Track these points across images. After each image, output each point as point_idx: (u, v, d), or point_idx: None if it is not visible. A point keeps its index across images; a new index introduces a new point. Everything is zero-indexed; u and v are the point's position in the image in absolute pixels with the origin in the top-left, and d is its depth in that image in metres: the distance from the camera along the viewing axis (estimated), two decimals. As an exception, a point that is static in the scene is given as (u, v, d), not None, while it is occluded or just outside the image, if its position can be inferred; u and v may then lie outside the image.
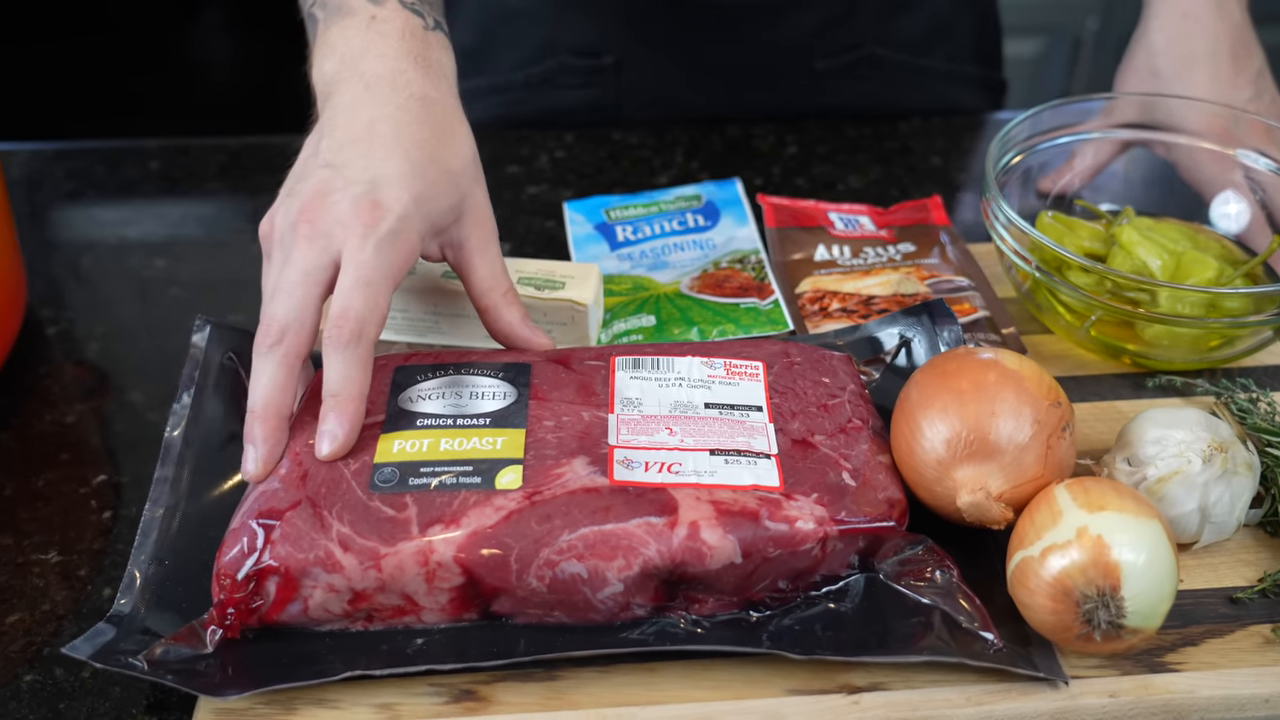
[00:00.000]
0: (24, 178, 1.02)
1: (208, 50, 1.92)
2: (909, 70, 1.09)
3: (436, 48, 0.69)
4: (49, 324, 0.87)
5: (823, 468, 0.63)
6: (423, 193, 0.64)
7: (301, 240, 0.62)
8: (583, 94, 1.07)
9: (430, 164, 0.65)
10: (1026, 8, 1.97)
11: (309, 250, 0.62)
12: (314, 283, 0.62)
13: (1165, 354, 0.75)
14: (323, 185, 0.63)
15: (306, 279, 0.62)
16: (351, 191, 0.62)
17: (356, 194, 0.62)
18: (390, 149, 0.64)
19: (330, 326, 0.61)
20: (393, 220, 0.62)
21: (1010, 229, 0.76)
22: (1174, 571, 0.57)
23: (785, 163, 1.01)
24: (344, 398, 0.61)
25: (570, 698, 0.58)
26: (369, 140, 0.64)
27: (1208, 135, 0.85)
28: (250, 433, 0.62)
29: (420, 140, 0.65)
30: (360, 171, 0.63)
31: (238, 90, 1.96)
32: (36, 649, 0.64)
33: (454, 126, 0.68)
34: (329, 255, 0.62)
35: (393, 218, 0.62)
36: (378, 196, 0.62)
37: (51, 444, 0.77)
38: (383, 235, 0.62)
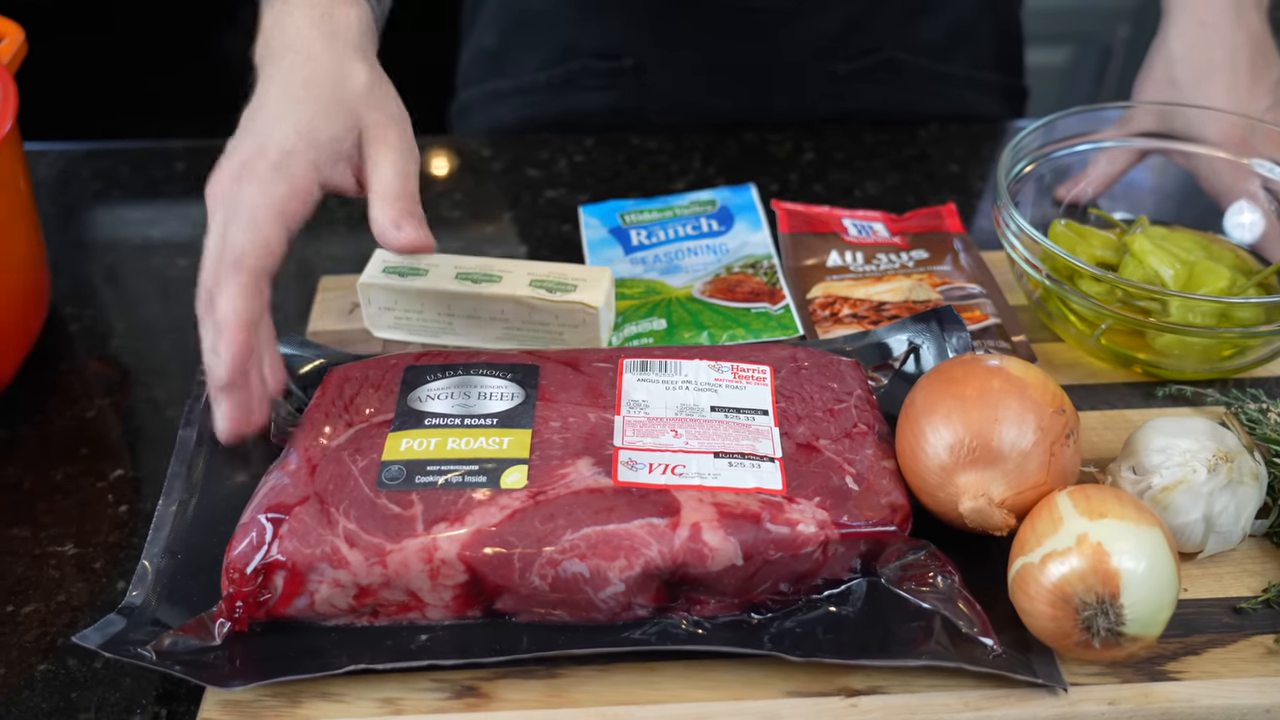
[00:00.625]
0: (52, 177, 1.03)
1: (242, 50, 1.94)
2: (929, 76, 1.09)
3: (343, 6, 0.71)
4: (73, 321, 0.88)
5: (826, 472, 0.63)
6: (305, 123, 0.66)
7: (214, 210, 0.65)
8: (603, 96, 1.08)
9: (312, 99, 0.67)
10: (1056, 16, 1.96)
11: (218, 213, 0.64)
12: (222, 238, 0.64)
13: (1176, 363, 0.75)
14: (226, 154, 0.66)
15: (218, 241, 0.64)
16: (242, 146, 0.65)
17: (245, 146, 0.65)
18: (279, 100, 0.67)
19: (213, 264, 0.63)
20: (274, 154, 0.64)
21: (1021, 237, 0.76)
22: (1175, 580, 0.57)
23: (802, 169, 1.02)
24: (225, 325, 0.61)
25: (571, 695, 0.59)
26: (266, 104, 0.67)
27: (1225, 144, 0.85)
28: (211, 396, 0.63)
29: (305, 84, 0.67)
30: (251, 133, 0.66)
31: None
32: (51, 639, 0.65)
33: (344, 68, 0.69)
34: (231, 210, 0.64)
35: (274, 151, 0.64)
36: (261, 141, 0.65)
37: (71, 439, 0.78)
38: (263, 171, 0.64)
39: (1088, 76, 2.04)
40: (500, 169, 1.03)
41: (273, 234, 0.63)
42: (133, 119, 1.79)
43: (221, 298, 0.62)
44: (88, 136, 1.10)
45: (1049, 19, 1.95)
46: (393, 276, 0.77)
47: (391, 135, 0.68)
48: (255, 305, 0.62)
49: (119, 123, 1.76)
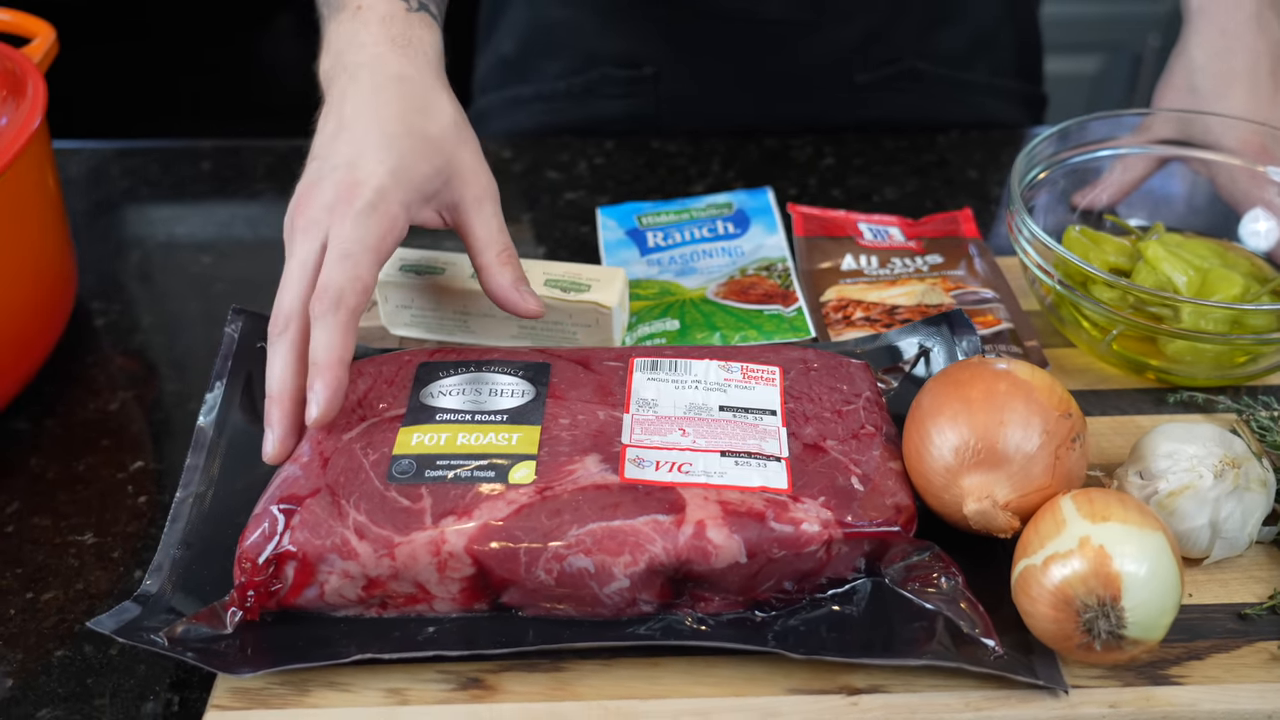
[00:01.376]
0: (84, 175, 1.05)
1: (277, 53, 1.97)
2: (949, 84, 1.09)
3: (419, 27, 0.72)
4: (98, 315, 0.90)
5: (832, 472, 0.64)
6: (399, 162, 0.66)
7: (298, 233, 0.65)
8: (623, 104, 1.08)
9: (405, 135, 0.67)
10: (1086, 24, 1.96)
11: (304, 240, 0.65)
12: (311, 267, 0.65)
13: (1188, 370, 0.75)
14: (311, 177, 0.66)
15: (303, 267, 0.65)
16: (333, 177, 0.65)
17: (337, 178, 0.65)
18: (366, 128, 0.67)
19: (315, 300, 0.64)
20: (369, 193, 0.65)
21: (1034, 243, 0.76)
22: (1177, 584, 0.57)
23: (821, 174, 1.02)
24: (325, 364, 0.63)
25: (574, 689, 0.60)
26: (348, 126, 0.67)
27: (1243, 152, 0.85)
28: (269, 417, 0.64)
29: (395, 115, 0.67)
30: (340, 157, 0.66)
31: (294, 94, 2.00)
32: (68, 626, 0.67)
33: (431, 97, 0.69)
34: (320, 240, 0.65)
35: (369, 191, 0.65)
36: (355, 175, 0.65)
37: (94, 430, 0.79)
38: (359, 209, 0.64)
39: (1119, 85, 2.04)
40: (520, 170, 1.04)
41: (368, 274, 0.64)
42: (164, 119, 1.82)
43: (321, 335, 0.63)
44: (121, 135, 1.13)
45: (1079, 27, 1.95)
46: (409, 275, 0.78)
47: (484, 179, 0.69)
48: (351, 343, 0.64)
49: (152, 123, 1.79)
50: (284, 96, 2.01)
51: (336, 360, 0.63)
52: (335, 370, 0.63)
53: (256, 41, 1.95)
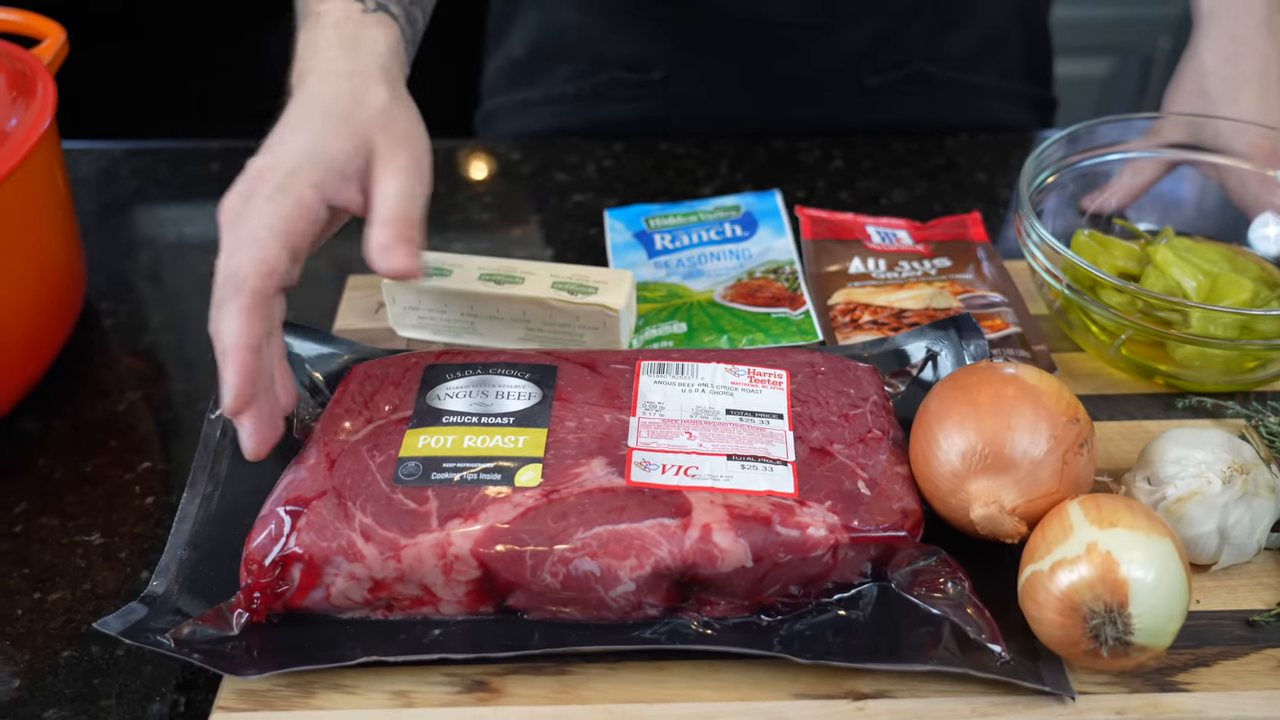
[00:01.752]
0: (93, 175, 1.06)
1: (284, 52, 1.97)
2: (958, 87, 1.09)
3: (372, 27, 0.71)
4: (107, 316, 0.90)
5: (839, 476, 0.63)
6: (313, 143, 0.65)
7: (224, 229, 0.65)
8: (632, 107, 1.08)
9: (324, 118, 0.66)
10: (1097, 27, 1.95)
11: (227, 235, 0.64)
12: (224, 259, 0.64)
13: (1197, 375, 0.75)
14: (240, 177, 0.66)
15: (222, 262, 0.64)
16: (254, 166, 0.65)
17: (254, 167, 0.65)
18: (295, 123, 0.67)
19: (216, 287, 0.63)
20: (279, 175, 0.64)
21: (1042, 247, 0.76)
22: (1185, 591, 0.57)
23: (830, 176, 1.02)
24: (232, 349, 0.62)
25: (579, 692, 0.60)
26: (282, 125, 0.67)
27: (1254, 157, 0.85)
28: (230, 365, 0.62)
29: (321, 109, 0.67)
30: (265, 152, 0.66)
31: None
32: (75, 626, 0.67)
33: (365, 88, 0.68)
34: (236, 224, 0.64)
35: (280, 173, 0.64)
36: (268, 160, 0.65)
37: (102, 431, 0.80)
38: (267, 193, 0.64)
39: (1129, 87, 2.03)
40: (529, 172, 1.04)
41: (273, 254, 0.63)
42: (172, 119, 1.83)
43: (224, 321, 0.62)
44: (130, 136, 1.13)
45: (1090, 30, 1.94)
46: (417, 277, 0.78)
47: (401, 157, 0.67)
48: (258, 327, 0.62)
49: (159, 123, 1.79)
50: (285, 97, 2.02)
51: (243, 345, 0.61)
52: (242, 355, 0.61)
53: (264, 40, 1.95)
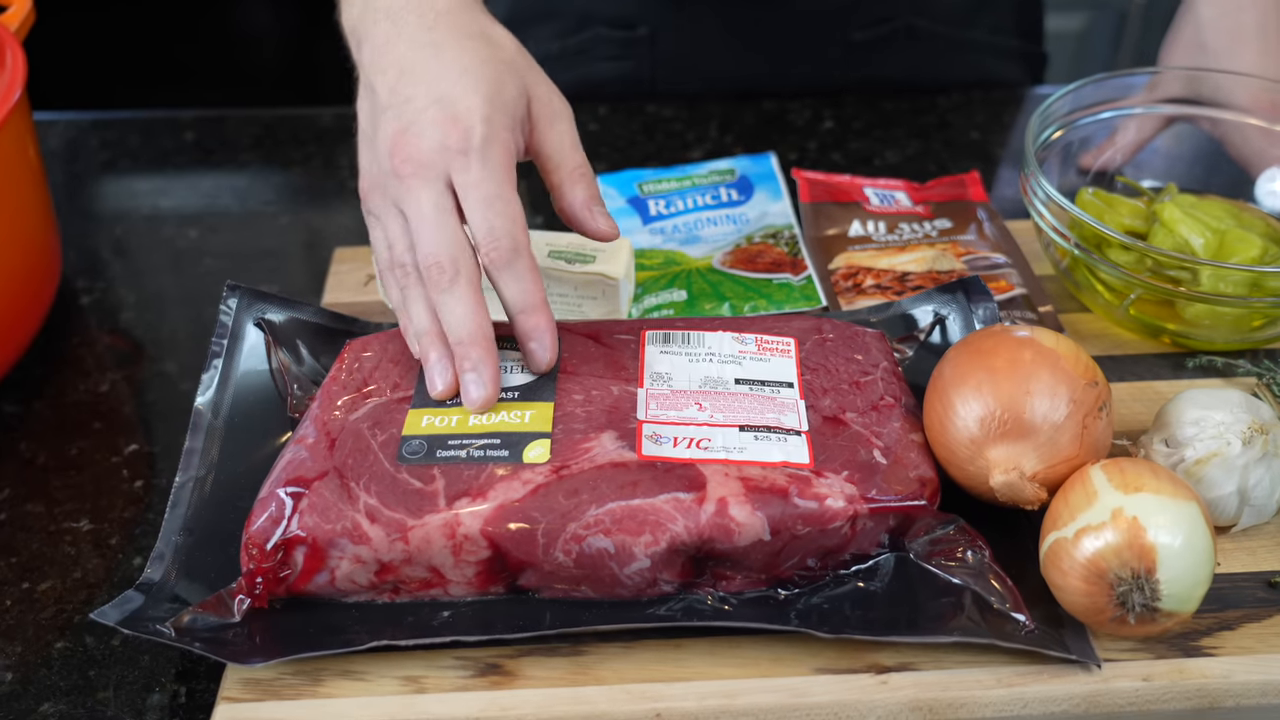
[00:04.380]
0: (61, 148, 1.02)
1: (251, 21, 1.92)
2: (948, 42, 1.07)
3: None
4: (83, 294, 0.87)
5: (854, 445, 0.62)
6: (490, 89, 0.63)
7: (409, 179, 0.62)
8: (618, 65, 1.06)
9: (483, 63, 0.64)
10: (1073, -19, 1.94)
11: (424, 186, 0.62)
12: (447, 210, 0.62)
13: (1206, 334, 0.74)
14: (398, 124, 0.63)
15: (439, 210, 0.62)
16: (427, 118, 0.62)
17: (433, 119, 0.62)
18: (443, 66, 0.63)
19: (487, 252, 0.61)
20: (480, 127, 0.62)
21: (1049, 205, 0.75)
22: (1211, 555, 0.56)
23: (821, 137, 1.00)
24: (535, 306, 0.62)
25: (595, 673, 0.58)
26: (418, 67, 0.64)
27: (1255, 110, 0.83)
28: (466, 360, 0.62)
29: (464, 48, 0.64)
30: (423, 98, 0.62)
31: (278, 62, 1.96)
32: (68, 616, 0.64)
33: (486, 25, 0.67)
34: (443, 183, 0.62)
35: (479, 124, 0.62)
36: (454, 111, 0.62)
37: (85, 413, 0.77)
38: (479, 147, 0.61)
39: (1104, 42, 2.02)
40: (514, 138, 1.01)
41: (520, 212, 0.62)
42: (137, 89, 1.78)
43: (515, 284, 0.62)
44: (95, 106, 1.09)
45: (1065, -17, 1.93)
46: (409, 247, 0.76)
47: (557, 99, 0.66)
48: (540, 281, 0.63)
49: (125, 93, 1.75)
50: (261, 65, 1.97)
51: (543, 301, 0.62)
52: (547, 313, 0.63)
53: (233, 8, 1.91)
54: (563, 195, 0.67)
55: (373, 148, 0.65)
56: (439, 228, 0.62)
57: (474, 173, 0.61)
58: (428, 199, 0.62)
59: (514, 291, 0.62)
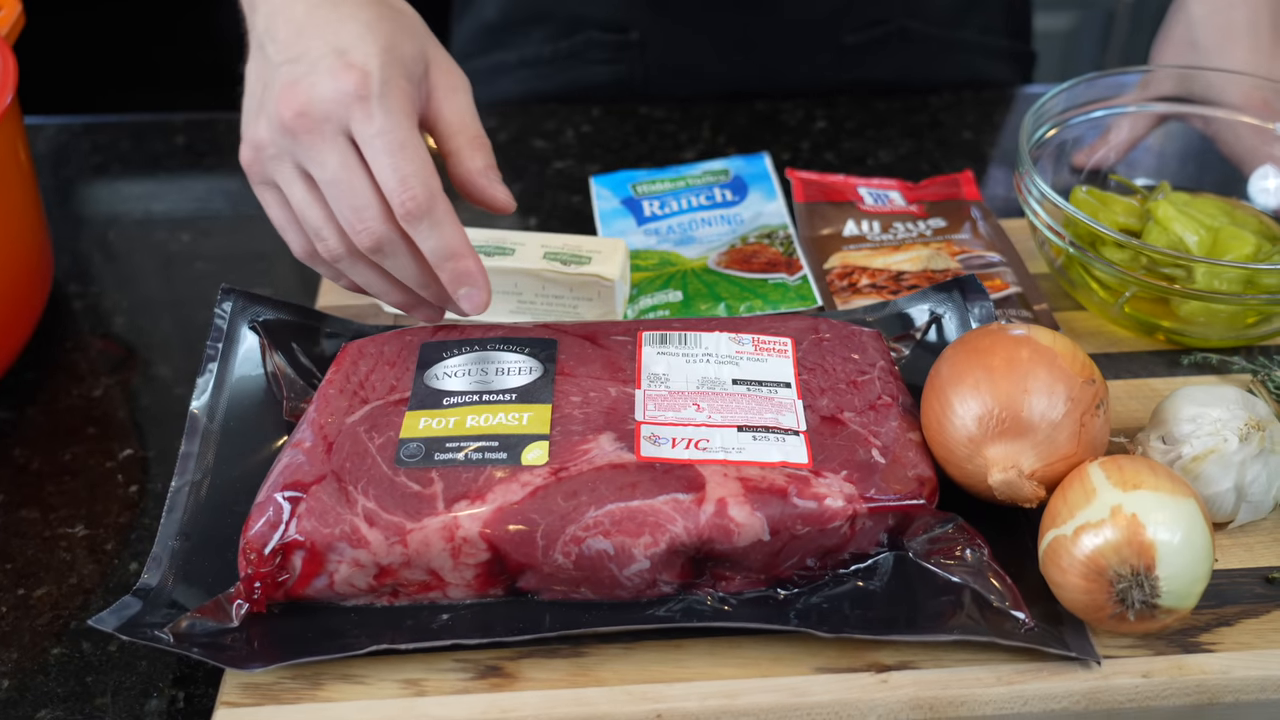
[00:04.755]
0: (51, 152, 1.02)
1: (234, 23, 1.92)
2: (939, 43, 1.07)
3: None
4: (75, 298, 0.87)
5: (852, 445, 0.62)
6: (388, 41, 0.60)
7: (307, 135, 0.59)
8: (609, 70, 1.06)
9: (381, 18, 0.61)
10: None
11: (323, 140, 0.59)
12: (355, 167, 0.59)
13: (1201, 331, 0.74)
14: (289, 79, 0.60)
15: (347, 167, 0.59)
16: (321, 68, 0.59)
17: (328, 68, 0.59)
18: (340, 19, 0.61)
19: (402, 201, 0.59)
20: (377, 73, 0.59)
21: (1044, 203, 0.75)
22: (1210, 551, 0.56)
23: (814, 137, 1.00)
24: (460, 253, 0.60)
25: (596, 674, 0.58)
26: (314, 23, 0.61)
27: (1247, 108, 0.84)
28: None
29: (362, 4, 0.62)
30: (318, 51, 0.60)
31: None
32: (64, 622, 0.64)
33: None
34: (343, 136, 0.59)
35: (376, 70, 0.59)
36: (349, 61, 0.59)
37: (78, 418, 0.77)
38: (377, 93, 0.59)
39: (1092, 41, 2.03)
40: (506, 139, 1.01)
41: (426, 155, 0.60)
42: (130, 93, 1.77)
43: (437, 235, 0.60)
44: (85, 110, 1.09)
45: (1053, -17, 1.94)
46: (404, 250, 0.75)
47: (457, 71, 0.64)
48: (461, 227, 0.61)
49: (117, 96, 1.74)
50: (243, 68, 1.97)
51: (467, 244, 0.61)
52: (472, 258, 0.61)
53: (214, 10, 1.90)
54: (460, 162, 0.64)
55: (262, 109, 0.61)
56: (352, 189, 0.59)
57: (377, 121, 0.58)
58: (333, 157, 0.59)
59: (435, 240, 0.60)
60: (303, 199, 0.62)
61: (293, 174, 0.61)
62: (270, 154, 0.61)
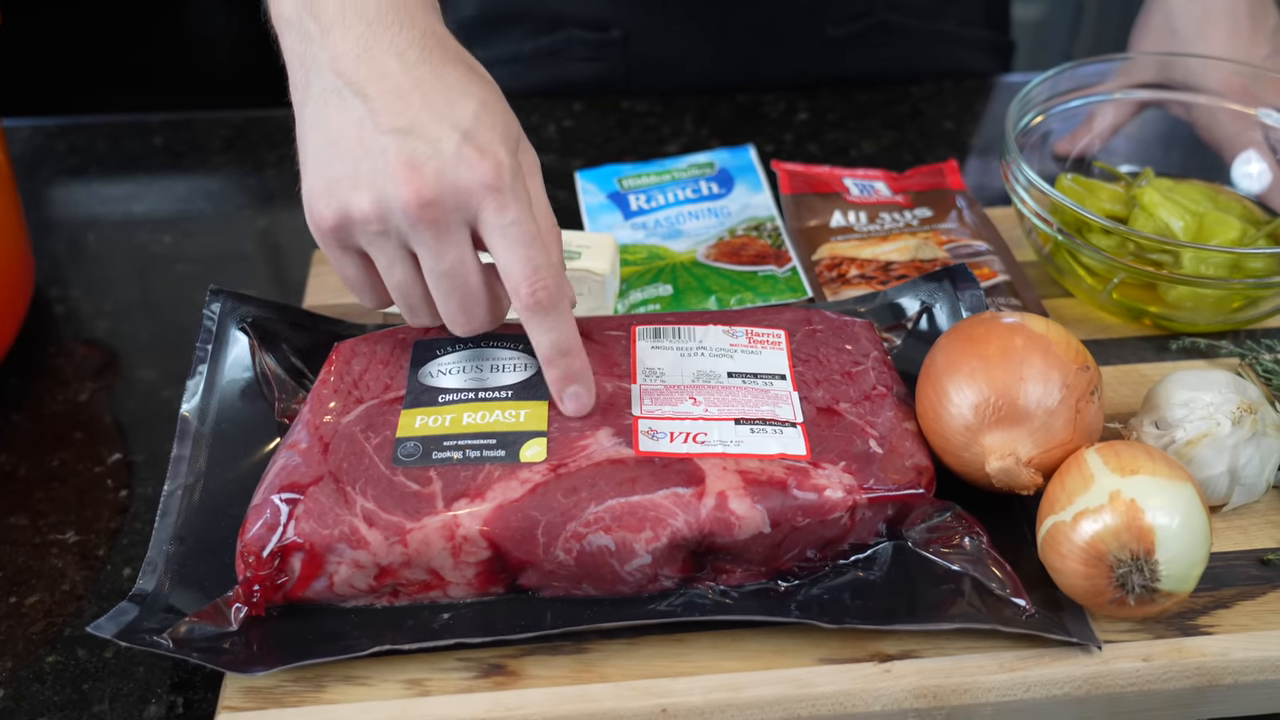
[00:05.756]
0: (26, 154, 1.00)
1: (205, 24, 1.90)
2: (918, 35, 1.08)
3: None
4: (57, 302, 0.86)
5: (849, 435, 0.62)
6: (505, 125, 0.59)
7: (430, 225, 0.56)
8: (591, 67, 1.05)
9: (486, 90, 0.59)
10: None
11: (447, 233, 0.57)
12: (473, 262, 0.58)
13: (1188, 315, 0.75)
14: (408, 158, 0.56)
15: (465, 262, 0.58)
16: (446, 150, 0.56)
17: (455, 152, 0.56)
18: (448, 87, 0.57)
19: (533, 291, 0.57)
20: (509, 162, 0.57)
21: (1031, 191, 0.75)
22: (1207, 534, 0.56)
23: (796, 129, 1.00)
24: (573, 352, 0.60)
25: (600, 670, 0.58)
26: (418, 85, 0.57)
27: (1227, 94, 0.84)
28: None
29: (463, 76, 0.58)
30: (438, 129, 0.56)
31: (233, 64, 1.94)
32: (58, 630, 0.63)
33: (468, 56, 0.61)
34: (468, 227, 0.58)
35: (506, 160, 0.57)
36: (478, 145, 0.56)
37: (65, 423, 0.76)
38: (510, 185, 0.57)
39: (1062, 31, 2.04)
40: (489, 136, 1.00)
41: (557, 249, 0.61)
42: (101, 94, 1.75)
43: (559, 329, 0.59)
44: (58, 111, 1.07)
45: (1023, -27, 1.94)
46: (392, 248, 0.75)
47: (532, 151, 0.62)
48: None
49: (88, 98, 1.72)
50: (215, 67, 1.95)
51: (581, 347, 0.60)
52: (584, 356, 0.61)
53: (184, 10, 1.88)
54: None
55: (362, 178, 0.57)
56: (465, 287, 0.59)
57: (511, 212, 0.56)
58: (454, 251, 0.57)
59: (555, 334, 0.59)
60: (403, 280, 0.60)
61: (396, 254, 0.59)
62: (372, 230, 0.58)
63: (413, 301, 0.61)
